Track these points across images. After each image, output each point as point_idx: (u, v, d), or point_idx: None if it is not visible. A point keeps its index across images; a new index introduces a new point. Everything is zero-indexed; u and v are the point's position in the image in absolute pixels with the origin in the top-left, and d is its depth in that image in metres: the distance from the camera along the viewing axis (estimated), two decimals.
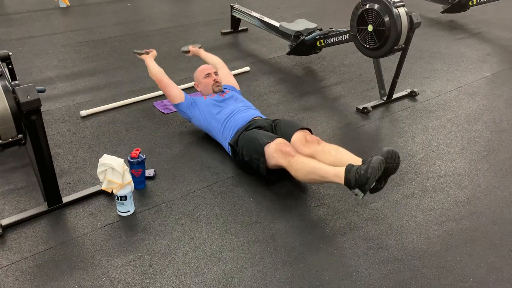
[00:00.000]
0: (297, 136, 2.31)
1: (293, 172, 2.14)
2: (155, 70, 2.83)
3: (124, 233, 2.01)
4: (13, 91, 1.74)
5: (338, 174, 1.97)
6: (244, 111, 2.55)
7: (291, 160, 2.13)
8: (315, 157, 2.16)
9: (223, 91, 2.76)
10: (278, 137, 2.28)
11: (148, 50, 2.99)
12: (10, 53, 2.40)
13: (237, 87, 2.94)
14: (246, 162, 2.33)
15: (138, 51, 3.01)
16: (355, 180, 1.89)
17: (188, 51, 3.24)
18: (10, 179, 2.34)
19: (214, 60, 3.12)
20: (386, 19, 2.87)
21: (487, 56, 4.19)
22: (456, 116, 3.10)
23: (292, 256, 1.90)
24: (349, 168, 1.93)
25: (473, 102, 3.32)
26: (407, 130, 2.92)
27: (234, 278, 1.79)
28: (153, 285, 1.75)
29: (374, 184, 1.90)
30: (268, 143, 2.23)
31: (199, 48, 3.23)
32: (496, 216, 2.17)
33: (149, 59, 2.91)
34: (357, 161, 2.03)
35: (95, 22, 4.93)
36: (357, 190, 1.91)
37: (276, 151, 2.18)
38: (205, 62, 3.13)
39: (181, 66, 3.80)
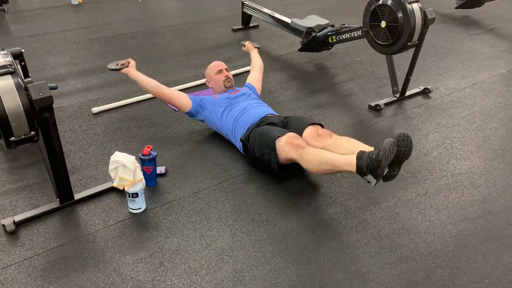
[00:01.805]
0: (309, 131, 2.30)
1: (304, 164, 2.12)
2: (149, 83, 2.63)
3: (136, 230, 2.01)
4: (26, 88, 1.74)
5: (349, 161, 1.95)
6: (256, 108, 2.54)
7: (302, 152, 2.11)
8: (327, 149, 2.15)
9: (237, 88, 2.74)
10: (290, 131, 2.28)
11: (124, 62, 2.67)
12: (23, 50, 2.41)
13: (258, 91, 2.89)
14: (258, 157, 2.32)
15: (113, 67, 2.67)
16: (367, 165, 1.87)
17: (245, 45, 3.27)
18: (23, 176, 2.36)
19: (257, 61, 3.10)
20: (400, 15, 2.83)
21: (502, 53, 4.12)
22: (470, 114, 3.05)
23: (304, 255, 1.89)
24: (360, 154, 1.92)
25: (488, 99, 3.27)
26: (420, 128, 2.88)
27: (245, 276, 1.78)
28: (164, 282, 1.75)
29: (386, 170, 1.87)
30: (279, 137, 2.22)
31: (256, 47, 3.22)
32: None
33: (133, 72, 2.65)
34: (368, 149, 2.01)
35: (107, 19, 4.95)
36: (369, 177, 1.88)
37: (287, 144, 2.17)
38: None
39: (192, 63, 3.80)
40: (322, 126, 2.37)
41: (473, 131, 2.84)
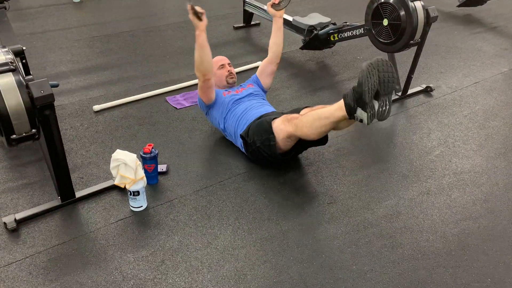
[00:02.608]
0: (304, 112, 2.31)
1: (300, 132, 2.14)
2: (209, 61, 2.35)
3: (137, 229, 2.01)
4: (27, 86, 1.74)
5: (338, 105, 1.99)
6: (258, 108, 2.53)
7: (296, 122, 2.14)
8: None
9: (242, 86, 2.72)
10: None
11: (202, 11, 2.33)
12: (24, 48, 2.40)
13: (266, 87, 2.78)
14: (258, 148, 2.30)
15: (195, 8, 2.31)
16: (353, 97, 1.89)
17: (276, 3, 2.68)
18: (24, 174, 2.36)
19: (277, 41, 2.73)
20: (402, 13, 2.81)
21: (504, 51, 4.10)
22: (472, 112, 3.04)
23: (305, 253, 1.88)
24: (345, 93, 1.96)
25: (490, 97, 3.25)
26: (422, 126, 2.87)
27: (247, 275, 1.78)
28: (165, 281, 1.75)
29: (377, 105, 1.89)
30: (275, 118, 2.26)
31: (281, 9, 2.68)
32: None
33: (204, 36, 2.31)
34: None
35: (108, 17, 4.94)
36: (359, 112, 1.90)
37: (283, 122, 2.21)
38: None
39: (193, 61, 3.76)
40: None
41: (476, 130, 2.83)
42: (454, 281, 1.76)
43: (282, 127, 2.20)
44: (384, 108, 1.93)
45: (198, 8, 2.30)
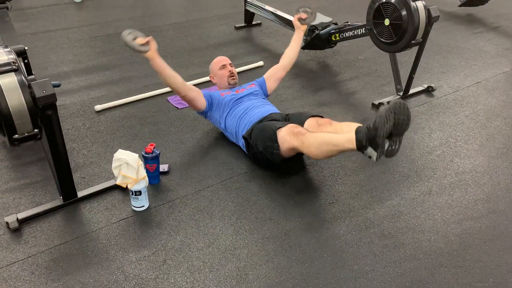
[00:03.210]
0: (309, 122, 2.31)
1: (305, 149, 2.12)
2: (177, 81, 2.41)
3: (139, 228, 2.01)
4: (29, 86, 1.74)
5: (349, 138, 1.95)
6: (260, 107, 2.53)
7: (303, 138, 2.12)
8: None
9: (243, 86, 2.72)
10: (290, 122, 2.29)
11: (145, 40, 2.25)
12: (26, 48, 2.41)
13: (269, 91, 2.82)
14: (260, 152, 2.31)
15: (130, 43, 2.21)
16: (366, 137, 1.87)
17: (302, 18, 2.87)
18: (26, 173, 2.36)
19: (292, 54, 2.90)
20: (404, 13, 2.81)
21: (506, 51, 4.10)
22: (474, 112, 3.04)
23: (307, 253, 1.88)
24: (359, 129, 1.93)
25: (492, 97, 3.25)
26: (424, 126, 2.87)
27: (249, 274, 1.78)
28: (167, 280, 1.75)
29: (387, 144, 1.86)
30: (280, 127, 2.24)
31: (306, 24, 2.88)
32: None
33: (159, 61, 2.33)
34: None
35: (109, 17, 4.94)
36: (369, 150, 1.87)
37: (288, 134, 2.18)
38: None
39: (195, 61, 3.79)
40: (322, 118, 2.38)
41: (477, 130, 2.83)
42: (456, 281, 1.76)
43: (287, 138, 2.18)
44: (394, 147, 1.92)
45: (140, 41, 2.23)
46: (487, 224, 2.06)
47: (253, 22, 4.66)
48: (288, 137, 2.18)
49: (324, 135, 2.10)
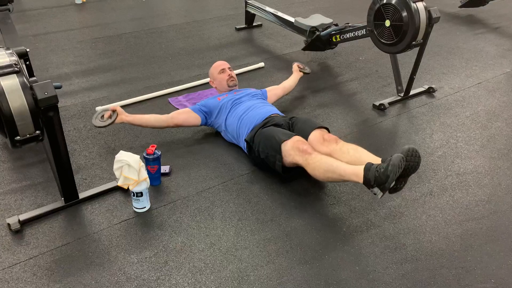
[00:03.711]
0: (315, 135, 2.28)
1: (310, 170, 2.11)
2: (151, 122, 2.56)
3: (140, 230, 2.01)
4: (31, 88, 1.75)
5: (357, 172, 1.93)
6: (261, 108, 2.53)
7: (308, 158, 2.10)
8: (333, 156, 2.13)
9: (241, 90, 2.73)
10: (295, 134, 2.26)
11: (109, 113, 2.44)
12: (27, 50, 2.41)
13: (269, 100, 2.84)
14: (262, 159, 2.32)
15: (100, 124, 2.41)
16: (375, 179, 1.86)
17: (300, 67, 3.26)
18: (28, 175, 2.37)
19: (289, 84, 3.09)
20: (404, 14, 2.82)
21: (507, 52, 4.10)
22: (475, 113, 3.04)
23: (308, 254, 1.88)
24: (368, 167, 1.90)
25: (493, 98, 3.25)
26: (424, 127, 2.87)
27: (250, 276, 1.78)
28: (168, 281, 1.75)
29: (393, 183, 1.86)
30: (285, 140, 2.20)
31: (303, 73, 3.24)
32: None
33: (127, 118, 2.48)
34: (376, 160, 2.00)
35: (110, 18, 4.95)
36: (376, 189, 1.88)
37: (293, 149, 2.16)
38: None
39: (195, 62, 3.80)
40: (328, 130, 2.36)
41: (478, 131, 2.83)
42: (458, 282, 1.76)
43: (291, 153, 2.16)
44: (399, 186, 1.93)
45: (107, 115, 2.45)
46: (489, 225, 2.06)
47: (254, 24, 4.67)
48: (292, 152, 2.16)
49: (332, 163, 2.05)
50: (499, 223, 2.07)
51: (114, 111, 2.45)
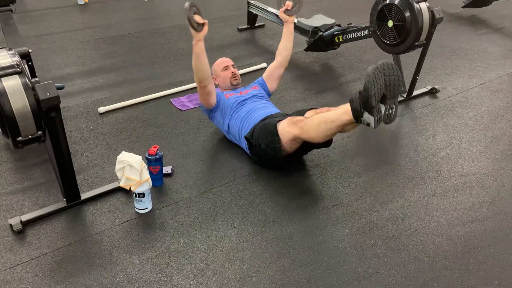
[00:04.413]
0: (308, 114, 2.31)
1: (305, 134, 2.14)
2: (206, 70, 2.41)
3: (142, 231, 2.01)
4: (33, 88, 1.75)
5: (345, 109, 1.99)
6: (263, 109, 2.53)
7: (301, 124, 2.14)
8: None
9: (246, 88, 2.72)
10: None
11: (203, 21, 2.33)
12: (30, 50, 2.42)
13: (271, 90, 2.82)
14: (263, 150, 2.30)
15: (192, 17, 2.29)
16: (359, 101, 1.89)
17: (288, 9, 2.73)
18: (30, 175, 2.37)
19: (286, 48, 2.78)
20: (407, 14, 2.81)
21: (510, 52, 4.08)
22: (478, 114, 3.03)
23: (310, 256, 1.88)
24: (352, 98, 1.95)
25: (496, 99, 3.24)
26: (427, 128, 2.86)
27: (252, 277, 1.77)
28: (170, 283, 1.75)
29: (383, 108, 1.88)
30: (280, 120, 2.26)
31: (293, 15, 2.75)
32: None
33: (201, 45, 2.36)
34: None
35: (113, 19, 4.96)
36: (366, 115, 1.89)
37: (288, 124, 2.20)
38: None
39: None
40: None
41: (481, 132, 2.82)
42: (461, 284, 1.75)
43: (287, 129, 2.19)
44: (390, 111, 1.93)
45: (198, 19, 2.30)
46: (492, 226, 2.05)
47: (256, 24, 4.67)
48: (288, 127, 2.20)
49: (321, 115, 2.12)
50: (503, 224, 2.06)
51: (204, 24, 2.34)
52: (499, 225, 2.06)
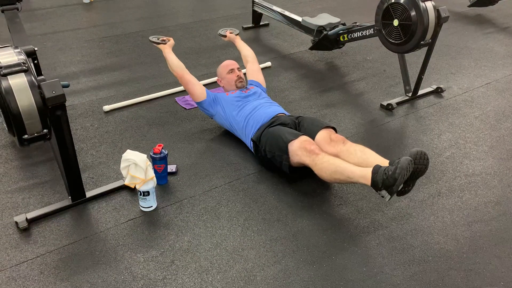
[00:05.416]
0: (322, 135, 2.27)
1: (317, 171, 2.10)
2: (175, 64, 2.69)
3: (147, 229, 2.01)
4: (39, 87, 1.75)
5: (364, 175, 1.92)
6: (267, 107, 2.53)
7: (316, 159, 2.09)
8: (340, 157, 2.12)
9: (247, 87, 2.74)
10: (302, 134, 2.25)
11: (164, 39, 2.80)
12: (36, 48, 2.43)
13: (263, 84, 2.88)
14: (269, 159, 2.31)
15: (154, 40, 2.80)
16: (382, 182, 1.84)
17: (225, 36, 3.17)
18: (35, 173, 2.38)
19: (246, 52, 3.04)
20: (413, 13, 2.79)
21: None
22: (484, 113, 3.01)
23: (315, 255, 1.87)
24: (376, 169, 1.89)
25: (502, 98, 3.22)
26: (433, 128, 2.85)
27: (256, 276, 1.77)
28: (175, 281, 1.75)
29: (401, 186, 1.85)
30: (292, 140, 2.19)
31: (236, 35, 3.16)
32: None
33: (167, 51, 2.74)
34: (383, 162, 1.98)
35: (118, 17, 4.96)
36: (383, 192, 1.86)
37: (300, 149, 2.15)
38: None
39: (202, 61, 3.80)
40: (335, 129, 2.35)
41: (487, 131, 2.80)
42: (466, 285, 1.75)
43: (299, 153, 2.15)
44: (407, 189, 1.92)
45: (161, 40, 2.81)
46: (498, 226, 2.04)
47: (261, 23, 4.66)
48: (300, 152, 2.15)
49: (339, 165, 2.03)
50: (509, 224, 2.05)
51: (169, 40, 2.81)
52: (504, 226, 2.04)
